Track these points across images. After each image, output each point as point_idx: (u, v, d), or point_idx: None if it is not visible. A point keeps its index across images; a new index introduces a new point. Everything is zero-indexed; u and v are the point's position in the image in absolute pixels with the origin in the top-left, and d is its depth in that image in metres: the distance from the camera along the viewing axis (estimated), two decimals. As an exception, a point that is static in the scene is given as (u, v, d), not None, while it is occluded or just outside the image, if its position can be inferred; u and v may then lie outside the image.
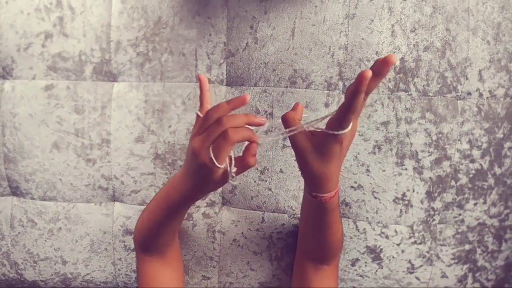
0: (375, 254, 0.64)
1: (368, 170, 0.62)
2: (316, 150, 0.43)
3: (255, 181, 0.64)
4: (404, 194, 0.62)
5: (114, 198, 0.68)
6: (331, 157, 0.43)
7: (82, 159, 0.66)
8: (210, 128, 0.41)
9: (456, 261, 0.66)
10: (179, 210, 0.51)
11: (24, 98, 0.64)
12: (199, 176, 0.43)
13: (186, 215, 0.66)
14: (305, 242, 0.58)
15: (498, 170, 0.63)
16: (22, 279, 0.72)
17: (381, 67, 0.37)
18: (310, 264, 0.58)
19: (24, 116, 0.65)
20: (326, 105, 0.61)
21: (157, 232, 0.54)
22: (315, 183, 0.46)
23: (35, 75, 0.64)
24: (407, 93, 0.60)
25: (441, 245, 0.65)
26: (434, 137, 0.60)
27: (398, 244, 0.64)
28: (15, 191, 0.68)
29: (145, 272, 0.59)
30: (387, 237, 0.64)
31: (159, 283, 0.59)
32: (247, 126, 0.42)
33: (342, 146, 0.42)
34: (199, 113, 0.49)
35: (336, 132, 0.40)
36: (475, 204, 0.63)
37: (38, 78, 0.64)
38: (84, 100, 0.64)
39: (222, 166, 0.41)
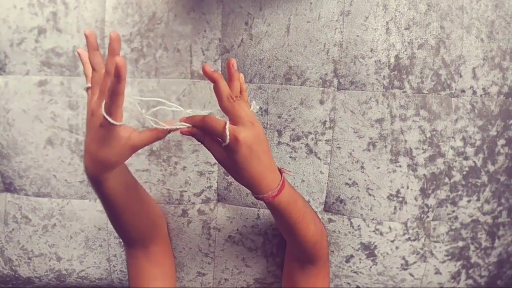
0: (369, 250, 0.65)
1: (362, 167, 0.62)
2: (226, 160, 0.44)
3: (250, 178, 0.64)
4: (398, 191, 0.63)
5: (108, 195, 0.68)
6: (237, 165, 0.43)
7: (76, 155, 0.65)
8: (102, 84, 0.40)
9: (449, 257, 0.66)
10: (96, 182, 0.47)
11: (18, 94, 0.64)
12: (99, 141, 0.41)
13: (181, 212, 0.66)
14: (288, 243, 0.59)
15: (491, 167, 0.63)
16: (16, 275, 0.72)
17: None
18: (296, 264, 0.58)
19: (17, 112, 0.64)
20: (321, 102, 0.61)
21: (112, 218, 0.54)
22: (247, 186, 0.46)
23: (29, 70, 0.64)
24: (401, 91, 0.60)
25: (434, 241, 0.65)
26: (428, 135, 0.61)
27: (392, 241, 0.64)
28: (9, 187, 0.68)
29: (130, 264, 0.59)
30: (381, 233, 0.64)
31: (145, 278, 0.59)
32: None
33: (239, 154, 0.42)
34: (88, 85, 0.44)
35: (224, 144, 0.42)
36: (468, 201, 0.64)
37: (32, 73, 0.64)
38: (78, 96, 0.64)
39: (117, 123, 0.40)
